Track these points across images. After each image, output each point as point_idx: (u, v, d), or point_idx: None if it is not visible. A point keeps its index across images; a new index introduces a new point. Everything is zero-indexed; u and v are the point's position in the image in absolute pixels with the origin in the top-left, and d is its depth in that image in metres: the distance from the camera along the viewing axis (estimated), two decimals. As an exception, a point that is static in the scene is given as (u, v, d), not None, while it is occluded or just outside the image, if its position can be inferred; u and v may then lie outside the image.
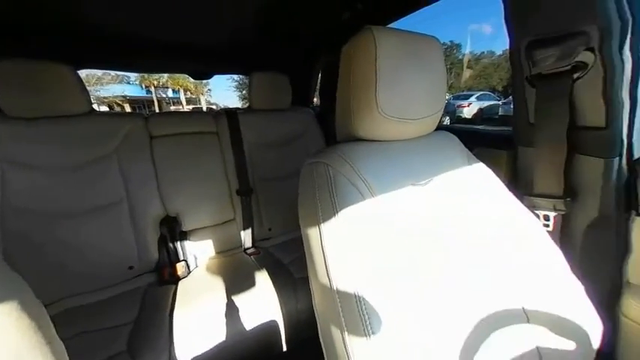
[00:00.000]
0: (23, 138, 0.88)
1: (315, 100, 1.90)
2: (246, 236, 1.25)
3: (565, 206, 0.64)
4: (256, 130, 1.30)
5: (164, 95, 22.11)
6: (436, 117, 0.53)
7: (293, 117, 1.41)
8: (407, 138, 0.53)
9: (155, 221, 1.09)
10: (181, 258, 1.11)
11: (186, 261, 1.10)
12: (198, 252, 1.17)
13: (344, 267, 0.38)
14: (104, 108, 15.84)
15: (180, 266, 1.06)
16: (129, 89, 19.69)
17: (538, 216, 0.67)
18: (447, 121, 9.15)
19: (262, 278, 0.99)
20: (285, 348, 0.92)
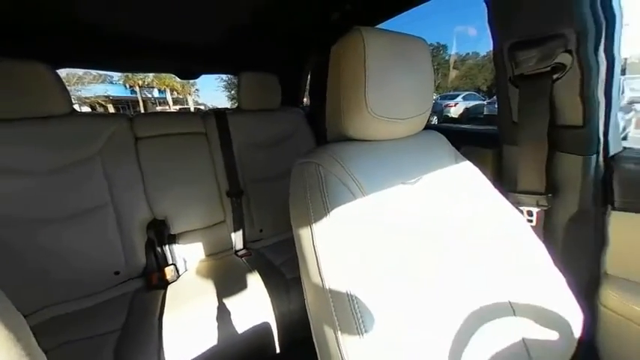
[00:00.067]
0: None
1: (305, 100, 1.90)
2: (237, 238, 1.23)
3: (547, 202, 0.66)
4: (246, 131, 1.29)
5: (150, 95, 21.53)
6: (424, 116, 0.54)
7: (283, 117, 1.41)
8: (396, 137, 0.54)
9: (142, 225, 1.06)
10: (170, 262, 1.09)
11: (175, 265, 1.08)
12: (187, 255, 1.14)
13: (336, 266, 0.38)
14: (86, 109, 15.27)
15: (169, 270, 1.04)
16: (112, 89, 19.06)
17: (522, 212, 0.69)
18: (435, 121, 9.32)
19: (254, 280, 0.98)
20: (278, 349, 0.91)
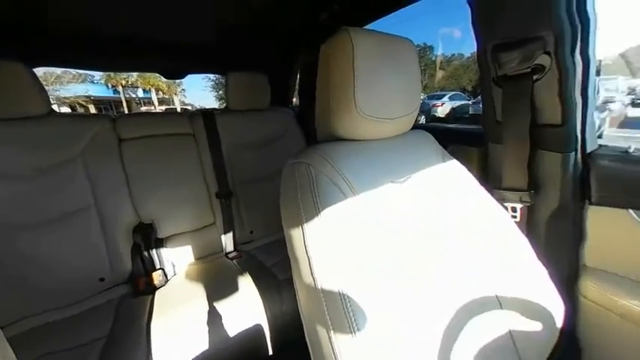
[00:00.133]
0: None
1: (294, 101, 1.89)
2: (227, 240, 1.21)
3: (530, 198, 0.69)
4: (234, 131, 1.27)
5: (134, 95, 20.90)
6: (412, 116, 0.55)
7: (272, 117, 1.39)
8: (385, 137, 0.55)
9: (128, 229, 1.03)
10: (158, 266, 1.06)
11: (163, 269, 1.05)
12: (176, 259, 1.12)
13: (328, 266, 0.38)
14: (65, 109, 14.66)
15: (156, 275, 1.01)
16: (93, 89, 18.34)
17: (507, 208, 0.71)
18: (423, 120, 9.50)
19: (245, 282, 0.97)
20: (270, 351, 0.90)
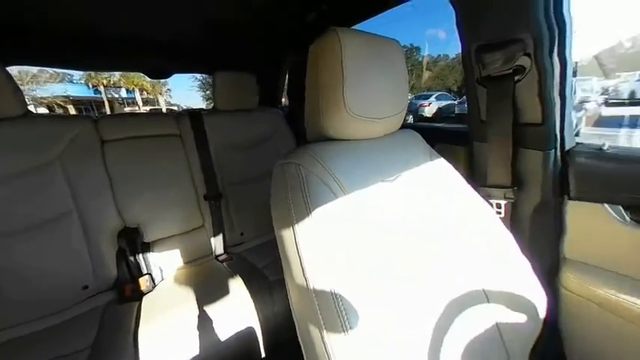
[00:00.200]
0: None
1: (283, 101, 1.88)
2: (216, 243, 1.19)
3: (513, 195, 0.71)
4: (223, 132, 1.25)
5: (116, 95, 20.18)
6: (400, 116, 0.56)
7: (261, 117, 1.38)
8: (374, 137, 0.55)
9: (112, 234, 0.99)
10: (145, 271, 1.03)
11: (150, 274, 1.03)
12: (163, 263, 1.09)
13: (320, 266, 0.38)
14: (43, 110, 13.98)
15: (143, 280, 0.98)
16: (72, 89, 17.54)
17: (492, 204, 0.73)
18: (411, 120, 9.67)
19: (236, 285, 0.95)
20: (263, 354, 0.90)
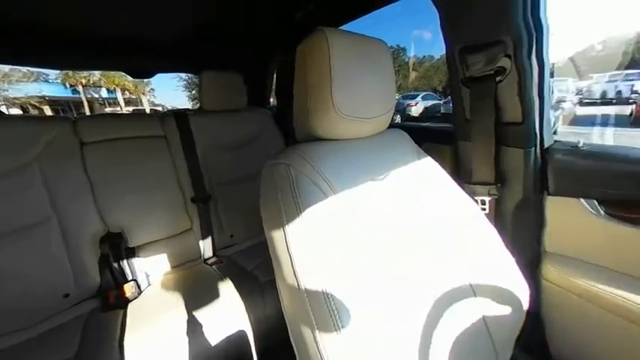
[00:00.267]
0: None
1: (271, 101, 1.86)
2: (205, 246, 1.17)
3: (497, 191, 0.74)
4: (210, 133, 1.22)
5: (96, 95, 19.36)
6: (388, 115, 0.57)
7: (249, 117, 1.36)
8: (363, 136, 0.56)
9: (94, 239, 0.95)
10: (130, 277, 1.00)
11: (135, 280, 0.99)
12: (150, 269, 1.05)
13: (311, 266, 0.38)
14: (16, 111, 13.24)
15: (128, 287, 0.95)
16: (48, 88, 16.59)
17: (477, 201, 0.76)
18: (399, 119, 9.82)
19: (226, 287, 0.94)
20: (255, 357, 0.89)
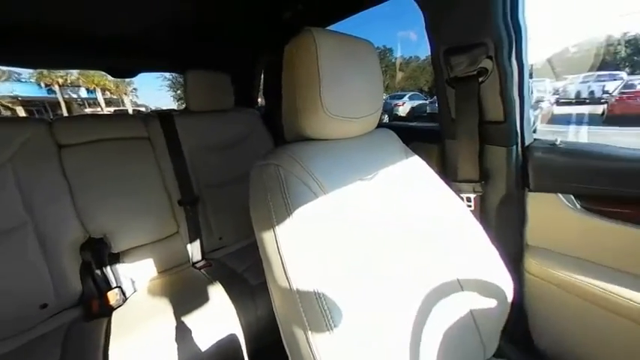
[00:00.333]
0: None
1: (259, 101, 1.85)
2: (193, 249, 1.14)
3: (481, 188, 0.76)
4: (197, 134, 1.20)
5: (75, 95, 18.52)
6: (376, 115, 0.58)
7: (237, 118, 1.34)
8: (352, 136, 0.56)
9: (74, 246, 0.91)
10: (114, 284, 0.96)
11: (120, 287, 0.96)
12: (135, 274, 1.02)
13: (302, 266, 0.38)
14: (-15, 112, 12.48)
15: (112, 294, 0.91)
16: (21, 88, 15.64)
17: (463, 198, 0.78)
18: (386, 119, 9.96)
19: (215, 291, 0.92)
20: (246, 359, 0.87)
